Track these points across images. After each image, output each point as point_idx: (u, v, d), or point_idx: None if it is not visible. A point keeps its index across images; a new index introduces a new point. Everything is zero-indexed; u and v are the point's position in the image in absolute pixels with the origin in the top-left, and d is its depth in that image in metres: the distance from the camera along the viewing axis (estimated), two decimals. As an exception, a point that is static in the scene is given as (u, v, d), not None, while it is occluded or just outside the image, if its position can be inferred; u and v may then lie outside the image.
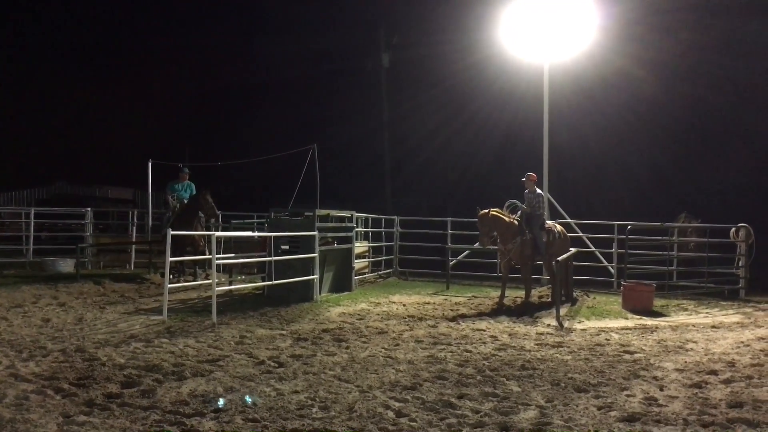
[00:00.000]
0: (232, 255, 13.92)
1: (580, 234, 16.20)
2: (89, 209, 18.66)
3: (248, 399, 5.91)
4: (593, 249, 16.11)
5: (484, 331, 9.64)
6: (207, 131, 37.54)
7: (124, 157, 30.77)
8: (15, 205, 28.43)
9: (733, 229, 15.04)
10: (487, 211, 12.16)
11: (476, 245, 15.25)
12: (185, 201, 14.98)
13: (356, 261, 14.92)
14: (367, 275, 16.69)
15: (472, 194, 22.65)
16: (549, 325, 10.26)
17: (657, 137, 25.73)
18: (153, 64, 39.49)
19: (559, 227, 13.57)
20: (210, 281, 10.89)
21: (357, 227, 15.50)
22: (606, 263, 15.92)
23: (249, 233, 15.10)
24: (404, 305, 12.31)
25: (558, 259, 11.90)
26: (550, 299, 12.79)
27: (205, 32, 40.03)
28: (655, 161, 25.73)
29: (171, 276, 12.35)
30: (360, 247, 15.79)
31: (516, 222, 12.46)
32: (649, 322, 10.81)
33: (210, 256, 10.76)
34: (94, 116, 37.86)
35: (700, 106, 25.14)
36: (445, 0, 29.88)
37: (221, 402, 5.84)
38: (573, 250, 13.61)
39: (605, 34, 17.54)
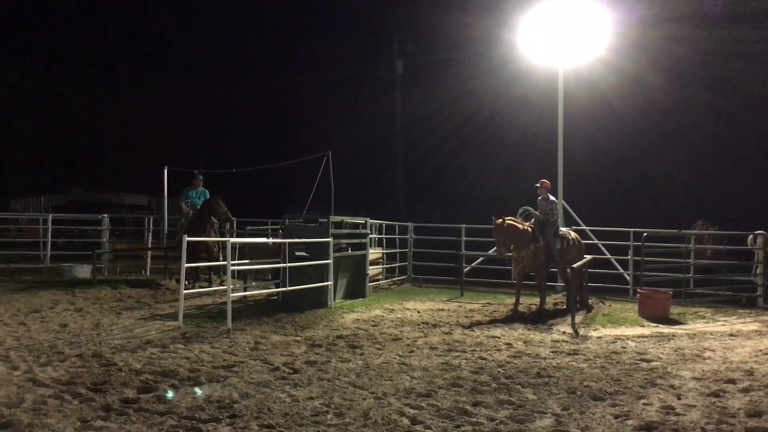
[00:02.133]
0: (247, 261, 13.96)
1: (596, 241, 16.12)
2: (105, 215, 18.80)
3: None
4: (609, 256, 16.01)
5: (499, 338, 9.60)
6: (222, 138, 37.77)
7: (140, 164, 30.99)
8: (32, 211, 28.74)
9: (751, 236, 14.92)
10: (502, 220, 12.13)
11: (491, 252, 15.22)
12: (198, 207, 15.06)
13: (370, 267, 14.92)
14: (381, 282, 16.69)
15: (486, 200, 22.62)
16: (564, 332, 10.21)
17: (673, 144, 25.62)
18: (169, 72, 39.88)
19: (573, 234, 13.50)
20: (225, 287, 10.93)
21: (371, 234, 15.51)
22: (622, 270, 15.82)
23: (263, 239, 15.16)
24: (418, 312, 12.29)
25: (573, 266, 11.85)
26: (564, 306, 12.72)
27: (221, 39, 40.36)
28: (671, 168, 25.59)
29: (186, 282, 12.40)
30: (374, 253, 15.80)
31: (530, 229, 12.43)
32: (665, 330, 10.72)
33: (225, 263, 10.79)
34: (111, 123, 38.20)
35: (716, 113, 25.00)
36: (458, 7, 29.93)
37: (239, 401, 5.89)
38: (588, 257, 13.54)
39: (620, 40, 17.49)
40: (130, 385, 6.44)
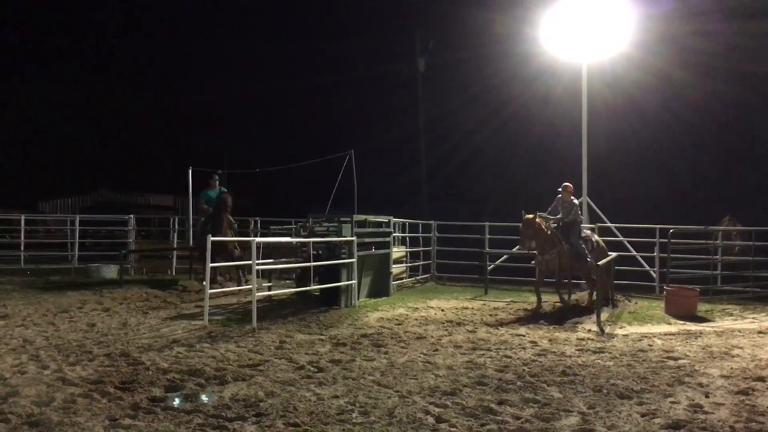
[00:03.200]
0: (271, 260, 14.02)
1: (621, 238, 15.97)
2: (132, 216, 19.00)
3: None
4: (635, 253, 15.84)
5: (524, 336, 9.56)
6: (245, 138, 38.04)
7: (165, 165, 31.32)
8: (60, 213, 29.16)
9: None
10: (533, 215, 12.05)
11: (515, 249, 15.14)
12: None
13: (394, 266, 14.92)
14: (404, 280, 16.68)
15: (510, 198, 22.52)
16: (590, 330, 10.13)
17: (699, 139, 25.28)
18: (193, 73, 40.23)
19: (596, 237, 13.36)
20: (249, 286, 10.99)
21: (394, 232, 15.50)
22: (648, 268, 15.65)
23: (288, 239, 15.22)
24: (442, 310, 12.28)
25: (598, 263, 11.75)
26: (585, 304, 12.62)
27: (244, 40, 40.62)
28: (697, 164, 25.26)
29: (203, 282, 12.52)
30: (398, 252, 15.79)
31: (554, 232, 12.29)
32: (693, 327, 10.59)
33: (250, 262, 10.85)
34: (136, 125, 38.66)
35: (743, 108, 24.64)
36: (480, 3, 29.81)
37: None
38: (613, 254, 13.38)
39: (645, 35, 17.31)
40: (158, 384, 6.52)
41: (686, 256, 14.98)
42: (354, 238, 12.64)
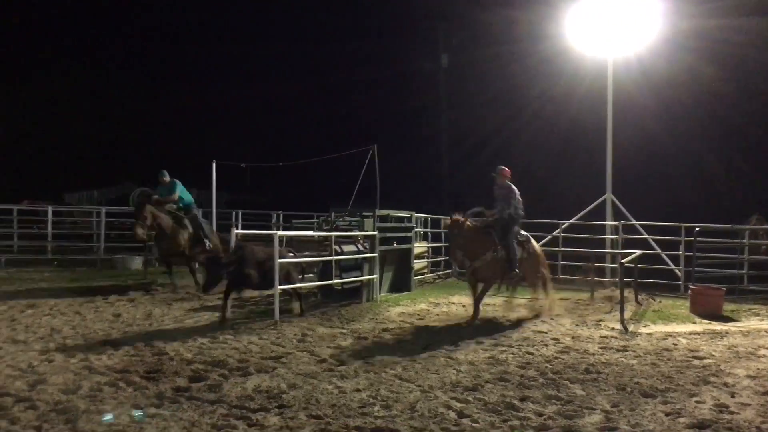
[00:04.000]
0: (292, 255, 14.03)
1: (646, 236, 15.81)
2: (155, 208, 19.13)
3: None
4: (659, 251, 15.67)
5: (546, 333, 9.51)
6: (270, 133, 38.21)
7: (188, 158, 31.53)
8: (86, 205, 29.52)
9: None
10: (459, 218, 10.50)
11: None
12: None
13: (415, 261, 14.90)
14: (426, 275, 16.66)
15: (533, 195, 22.34)
16: (613, 328, 10.03)
17: (727, 136, 24.88)
18: (216, 69, 40.50)
19: (533, 243, 11.74)
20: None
21: (416, 227, 15.48)
22: (673, 266, 15.47)
23: (310, 233, 15.26)
24: (464, 306, 12.24)
25: (623, 261, 11.62)
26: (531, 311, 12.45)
27: (268, 37, 40.79)
28: (724, 161, 24.89)
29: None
30: (419, 247, 15.78)
31: (488, 234, 10.73)
32: (718, 327, 10.45)
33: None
34: (160, 120, 39.03)
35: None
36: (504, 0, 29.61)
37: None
38: (638, 252, 13.21)
39: (674, 29, 17.08)
40: (182, 374, 6.59)
41: (712, 254, 14.79)
42: (376, 233, 12.65)
